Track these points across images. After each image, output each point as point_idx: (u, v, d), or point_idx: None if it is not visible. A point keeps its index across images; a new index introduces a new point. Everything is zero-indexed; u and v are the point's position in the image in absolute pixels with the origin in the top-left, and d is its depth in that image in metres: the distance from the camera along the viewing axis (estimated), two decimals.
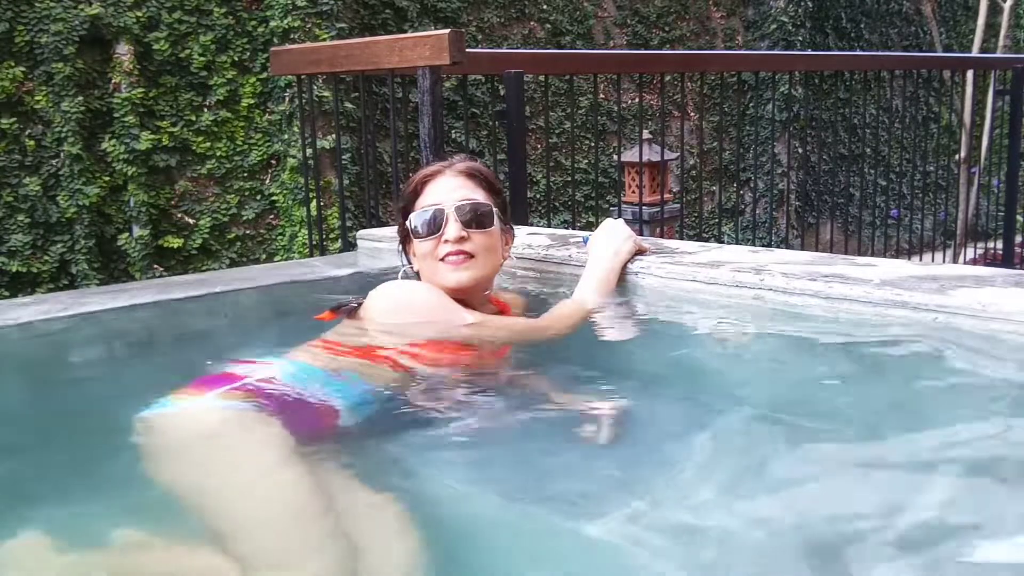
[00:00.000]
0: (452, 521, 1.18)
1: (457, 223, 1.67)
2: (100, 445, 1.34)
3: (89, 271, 4.42)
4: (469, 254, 1.68)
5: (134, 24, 4.50)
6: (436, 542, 1.11)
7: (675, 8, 6.83)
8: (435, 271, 1.70)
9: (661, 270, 1.88)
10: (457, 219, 1.67)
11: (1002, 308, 1.44)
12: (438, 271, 1.69)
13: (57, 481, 1.26)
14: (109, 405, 1.49)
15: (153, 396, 1.34)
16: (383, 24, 5.34)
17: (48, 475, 1.27)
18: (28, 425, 1.49)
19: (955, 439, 1.28)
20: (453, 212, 1.68)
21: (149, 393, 1.36)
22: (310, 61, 3.24)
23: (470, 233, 1.68)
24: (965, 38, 8.60)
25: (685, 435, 1.35)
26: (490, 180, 1.76)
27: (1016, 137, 4.69)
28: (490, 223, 1.71)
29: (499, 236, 1.75)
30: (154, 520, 1.16)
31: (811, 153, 6.69)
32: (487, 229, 1.71)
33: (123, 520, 1.14)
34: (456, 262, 1.67)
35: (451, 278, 1.67)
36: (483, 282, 1.73)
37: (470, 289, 1.69)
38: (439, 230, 1.68)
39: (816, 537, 1.04)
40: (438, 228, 1.68)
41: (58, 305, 1.93)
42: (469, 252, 1.68)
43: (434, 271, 1.70)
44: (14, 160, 4.33)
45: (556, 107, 6.03)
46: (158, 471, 1.24)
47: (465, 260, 1.68)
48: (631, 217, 4.48)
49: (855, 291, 1.60)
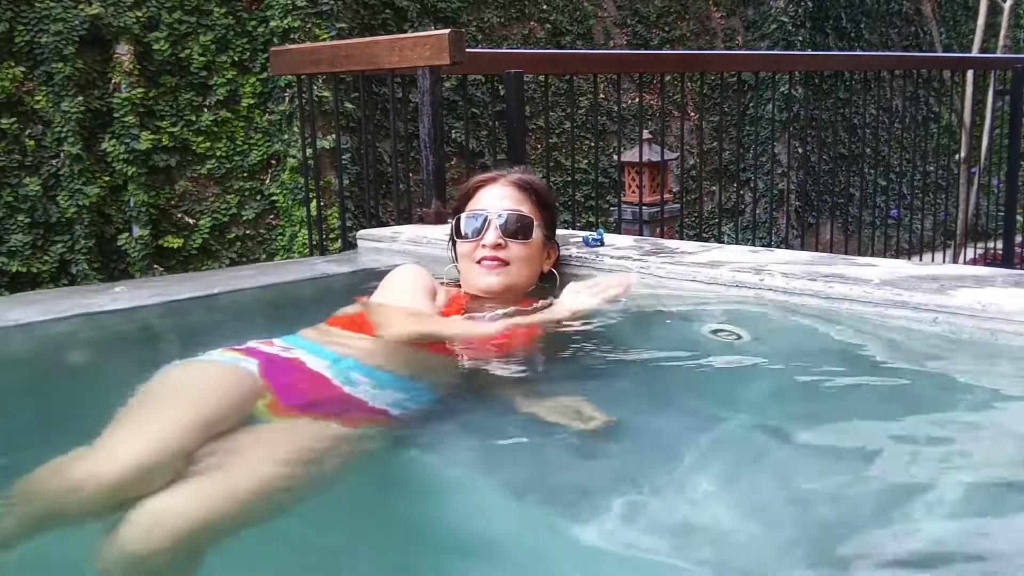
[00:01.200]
0: (451, 515, 1.18)
1: (497, 231, 1.77)
2: None
3: (89, 271, 4.42)
4: (504, 261, 1.76)
5: (134, 24, 4.50)
6: (432, 527, 1.12)
7: (675, 8, 6.83)
8: (470, 271, 1.80)
9: (661, 270, 1.88)
10: (497, 227, 1.77)
11: (1002, 308, 1.44)
12: (472, 272, 1.79)
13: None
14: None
15: None
16: (383, 24, 5.34)
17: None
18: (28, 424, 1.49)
19: (955, 439, 1.28)
20: (495, 219, 1.77)
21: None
22: (310, 61, 3.24)
23: (508, 242, 1.77)
24: (965, 38, 8.60)
25: (684, 434, 1.35)
26: (541, 194, 1.85)
27: (1016, 137, 4.69)
28: (530, 235, 1.80)
29: (539, 249, 1.84)
30: None
31: (811, 153, 6.69)
32: (526, 241, 1.79)
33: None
34: (490, 266, 1.76)
35: (483, 281, 1.77)
36: (514, 290, 1.80)
37: (500, 294, 1.77)
38: (480, 235, 1.78)
39: (816, 536, 1.04)
40: (479, 233, 1.78)
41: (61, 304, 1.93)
42: (504, 259, 1.76)
43: (469, 271, 1.80)
44: (14, 160, 4.33)
45: (556, 107, 6.03)
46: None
47: (499, 266, 1.76)
48: (631, 217, 4.48)
49: (855, 291, 1.60)
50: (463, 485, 1.28)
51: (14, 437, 1.40)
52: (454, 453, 1.37)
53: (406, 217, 3.16)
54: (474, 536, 1.14)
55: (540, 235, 1.83)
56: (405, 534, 1.17)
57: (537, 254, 1.84)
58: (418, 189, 3.16)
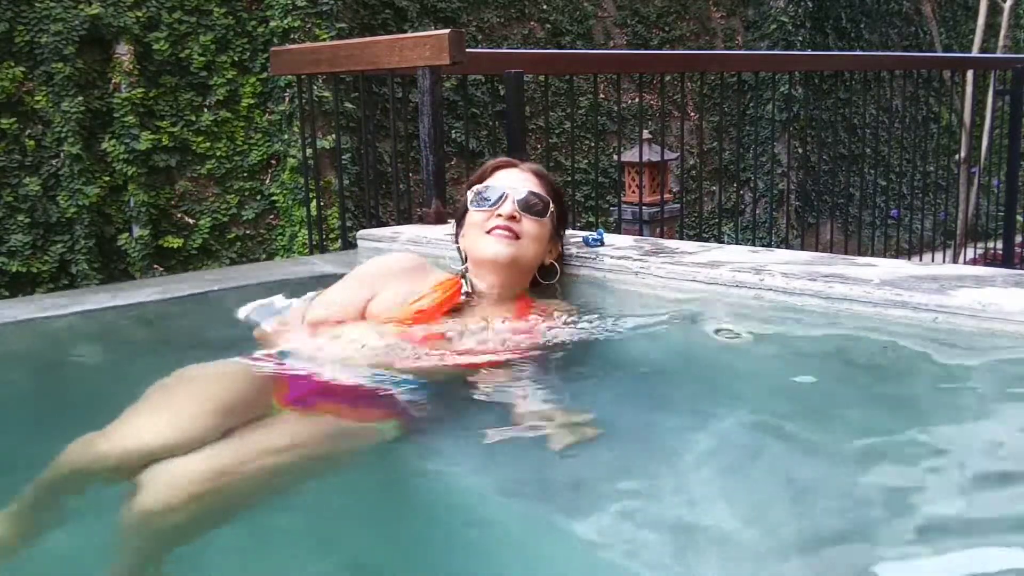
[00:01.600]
0: (450, 514, 1.18)
1: (514, 204, 1.77)
2: None
3: (89, 271, 4.42)
4: (516, 234, 1.76)
5: (134, 24, 4.50)
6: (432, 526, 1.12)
7: (675, 8, 6.83)
8: (478, 240, 1.78)
9: (661, 270, 1.88)
10: (515, 200, 1.78)
11: (1002, 308, 1.44)
12: (481, 240, 1.78)
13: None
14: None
15: None
16: (383, 24, 5.34)
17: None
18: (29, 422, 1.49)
19: (955, 439, 1.28)
20: (513, 194, 1.79)
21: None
22: (310, 61, 3.24)
23: (522, 216, 1.77)
24: (965, 38, 8.59)
25: (684, 434, 1.35)
26: (555, 188, 1.88)
27: (1016, 137, 4.69)
28: (544, 214, 1.81)
29: (549, 233, 1.85)
30: None
31: (811, 153, 6.69)
32: (540, 219, 1.80)
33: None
34: (501, 235, 1.75)
35: (491, 249, 1.76)
36: (519, 267, 1.80)
37: (505, 268, 1.77)
38: (496, 205, 1.78)
39: (816, 536, 1.04)
40: (495, 204, 1.78)
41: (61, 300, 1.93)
42: (516, 232, 1.76)
43: (477, 240, 1.79)
44: (14, 160, 4.33)
45: (556, 107, 6.03)
46: None
47: (511, 237, 1.76)
48: (631, 217, 4.48)
49: (855, 291, 1.60)
50: (462, 484, 1.28)
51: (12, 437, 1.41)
52: (453, 452, 1.37)
53: (406, 217, 3.16)
54: (473, 535, 1.14)
55: (552, 222, 1.85)
56: (403, 529, 1.17)
57: (546, 238, 1.84)
58: (418, 189, 3.16)
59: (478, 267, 1.80)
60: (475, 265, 1.81)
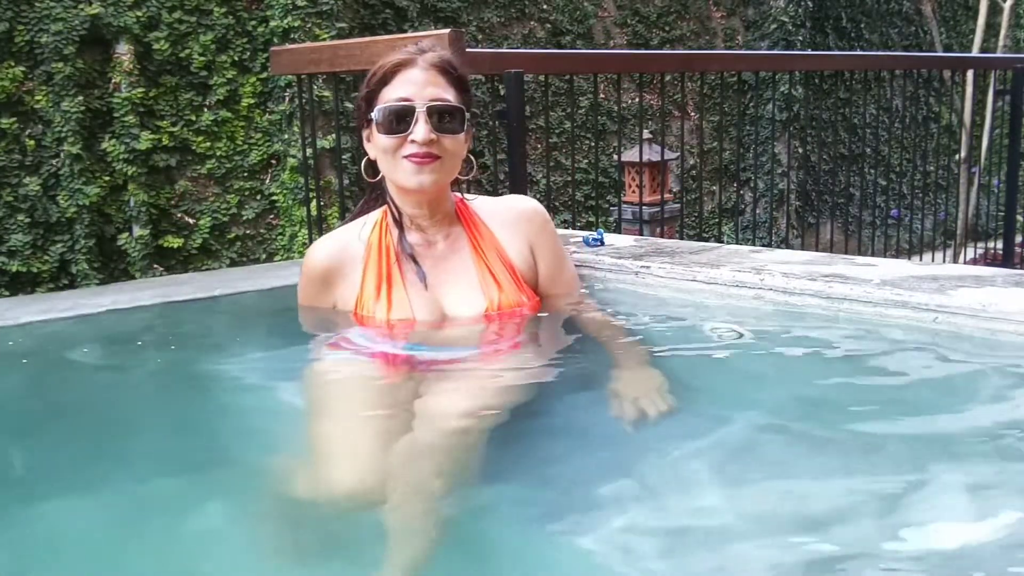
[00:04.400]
0: (450, 513, 1.18)
1: (427, 124, 1.58)
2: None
3: (89, 271, 4.42)
4: (436, 156, 1.60)
5: (134, 24, 4.50)
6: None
7: (675, 8, 6.83)
8: (396, 168, 1.63)
9: (661, 270, 1.88)
10: (427, 120, 1.59)
11: (1002, 308, 1.44)
12: (399, 169, 1.62)
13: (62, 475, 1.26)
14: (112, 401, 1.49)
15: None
16: (383, 24, 5.34)
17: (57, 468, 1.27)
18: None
19: (955, 439, 1.28)
20: (423, 112, 1.59)
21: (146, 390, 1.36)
22: (310, 61, 3.23)
23: (439, 136, 1.60)
24: (965, 38, 8.60)
25: (684, 433, 1.35)
26: (462, 77, 1.67)
27: (1016, 137, 4.69)
28: (460, 128, 1.64)
29: (467, 139, 1.68)
30: (160, 512, 1.16)
31: (811, 153, 6.69)
32: (456, 135, 1.63)
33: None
34: (420, 162, 1.60)
35: (413, 180, 1.61)
36: (445, 187, 1.69)
37: (432, 192, 1.65)
38: (407, 129, 1.59)
39: (816, 536, 1.04)
40: (406, 127, 1.59)
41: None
42: (436, 154, 1.60)
43: (394, 168, 1.63)
44: (14, 160, 4.33)
45: (556, 107, 6.03)
46: None
47: (431, 161, 1.60)
48: (631, 217, 4.48)
49: (855, 291, 1.60)
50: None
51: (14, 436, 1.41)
52: None
53: None
54: (472, 534, 1.14)
55: (468, 125, 1.66)
56: None
57: (464, 146, 1.68)
58: None
59: (402, 194, 1.68)
60: (398, 192, 1.69)
